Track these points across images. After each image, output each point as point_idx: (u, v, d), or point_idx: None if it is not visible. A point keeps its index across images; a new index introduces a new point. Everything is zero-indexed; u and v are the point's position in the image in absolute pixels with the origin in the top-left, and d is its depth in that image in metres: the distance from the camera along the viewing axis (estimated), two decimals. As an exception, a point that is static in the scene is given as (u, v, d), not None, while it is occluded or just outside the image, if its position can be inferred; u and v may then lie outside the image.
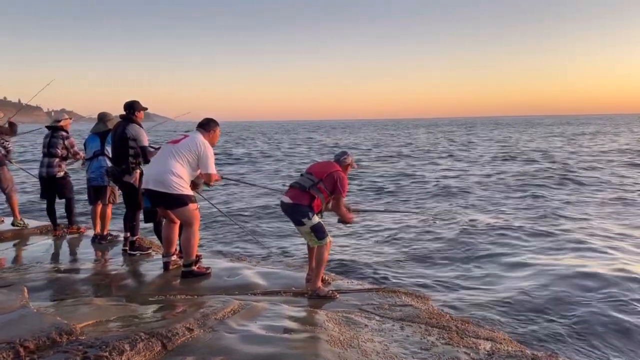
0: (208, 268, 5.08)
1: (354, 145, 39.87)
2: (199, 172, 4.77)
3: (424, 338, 3.51)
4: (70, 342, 2.82)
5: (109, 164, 5.90)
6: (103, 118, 6.32)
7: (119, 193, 6.12)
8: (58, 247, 6.43)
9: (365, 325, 3.68)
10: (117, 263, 5.59)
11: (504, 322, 5.15)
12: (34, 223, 7.62)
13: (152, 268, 5.33)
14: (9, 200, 7.09)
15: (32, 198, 13.81)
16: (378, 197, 14.56)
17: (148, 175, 4.76)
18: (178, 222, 4.98)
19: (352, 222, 4.84)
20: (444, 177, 18.39)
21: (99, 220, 6.45)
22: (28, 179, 16.03)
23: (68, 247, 6.45)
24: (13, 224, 7.10)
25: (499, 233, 9.26)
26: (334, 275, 5.41)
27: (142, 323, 3.41)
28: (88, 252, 6.12)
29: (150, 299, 4.29)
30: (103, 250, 6.15)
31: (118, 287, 4.77)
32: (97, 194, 6.37)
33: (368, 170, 20.54)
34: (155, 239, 6.01)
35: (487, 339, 3.61)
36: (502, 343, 3.57)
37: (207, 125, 4.89)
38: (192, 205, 4.72)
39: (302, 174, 4.68)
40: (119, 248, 6.11)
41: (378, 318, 3.92)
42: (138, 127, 5.48)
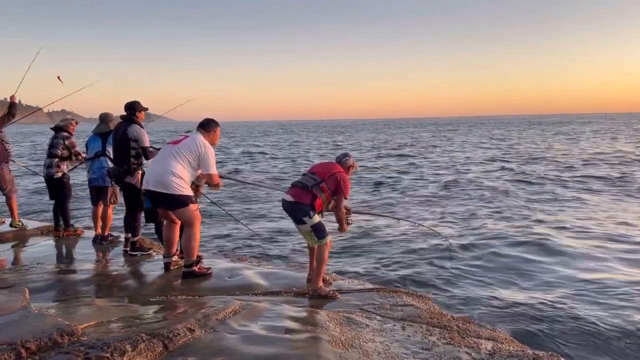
0: (209, 268, 5.08)
1: (355, 145, 39.84)
2: (200, 172, 4.77)
3: (425, 338, 3.50)
4: (72, 343, 2.83)
5: (110, 165, 5.90)
6: (105, 118, 6.31)
7: (120, 194, 6.11)
8: (59, 248, 6.43)
9: (367, 326, 3.67)
10: (118, 264, 5.59)
11: (506, 322, 5.16)
12: (35, 224, 7.63)
13: (153, 269, 5.33)
14: (8, 201, 7.08)
15: (33, 197, 13.84)
16: (378, 193, 14.56)
17: (148, 176, 4.76)
18: (179, 222, 4.97)
19: (345, 231, 4.81)
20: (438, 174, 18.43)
21: (100, 221, 6.46)
22: (30, 179, 16.08)
23: (69, 248, 6.44)
24: (11, 225, 7.10)
25: (500, 232, 9.26)
26: (335, 275, 5.40)
27: (143, 324, 3.41)
28: (89, 252, 6.12)
29: (152, 300, 4.29)
30: (104, 251, 6.16)
31: (119, 287, 4.77)
32: (98, 195, 6.37)
33: (367, 170, 20.55)
34: (157, 239, 6.01)
35: (488, 339, 3.60)
36: (503, 343, 3.56)
37: (207, 126, 4.88)
38: (192, 206, 4.71)
39: (304, 174, 4.67)
40: (120, 249, 6.12)
41: (379, 318, 3.91)
42: (139, 127, 5.48)
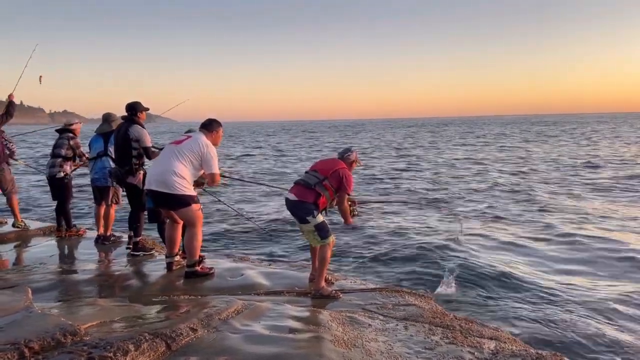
0: (211, 268, 5.08)
1: (356, 145, 39.84)
2: (202, 172, 4.77)
3: (428, 337, 3.50)
4: (75, 342, 2.83)
5: (113, 165, 5.90)
6: (108, 118, 6.31)
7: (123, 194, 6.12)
8: (61, 248, 6.44)
9: (369, 325, 3.67)
10: (120, 264, 5.59)
11: (508, 321, 5.15)
12: (37, 224, 7.64)
13: (155, 268, 5.33)
14: (10, 202, 7.09)
15: (31, 197, 13.85)
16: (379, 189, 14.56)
17: (151, 176, 4.76)
18: (181, 222, 4.97)
19: (351, 224, 4.84)
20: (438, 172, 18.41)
21: (102, 221, 6.46)
22: (34, 177, 16.09)
23: (71, 248, 6.45)
24: (14, 225, 7.11)
25: (500, 234, 9.25)
26: (337, 275, 5.40)
27: (146, 323, 3.41)
28: (91, 253, 6.12)
29: (154, 300, 4.29)
30: (106, 251, 6.16)
31: (122, 287, 4.78)
32: (100, 195, 6.38)
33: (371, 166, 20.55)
34: (159, 239, 6.01)
35: (491, 338, 3.59)
36: (506, 342, 3.56)
37: (209, 126, 4.88)
38: (195, 206, 4.72)
39: (306, 171, 4.65)
40: (122, 249, 6.13)
41: (382, 318, 3.91)
42: (140, 127, 5.48)
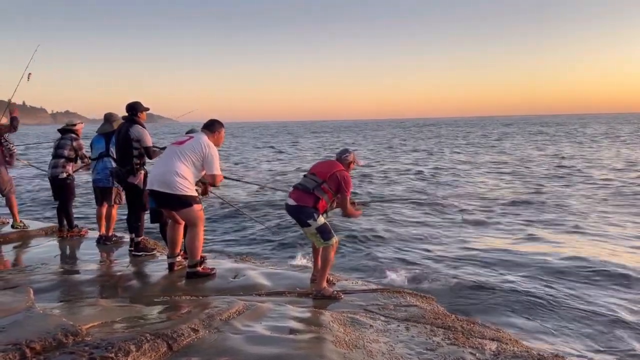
0: (213, 269, 5.08)
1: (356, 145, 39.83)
2: (204, 173, 4.77)
3: (430, 338, 3.49)
4: (76, 343, 2.83)
5: (114, 165, 5.91)
6: (109, 118, 6.31)
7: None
8: (63, 248, 6.45)
9: (371, 326, 3.66)
10: (122, 264, 5.60)
11: (510, 322, 5.14)
12: (38, 224, 7.64)
13: (157, 269, 5.33)
14: (8, 202, 7.10)
15: (33, 197, 13.88)
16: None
17: (152, 176, 4.76)
18: (183, 223, 4.97)
19: (358, 216, 4.98)
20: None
21: (104, 221, 6.47)
22: (36, 178, 16.12)
23: (73, 248, 6.46)
24: (13, 226, 7.12)
25: (502, 233, 9.24)
26: (339, 276, 5.40)
27: (147, 324, 3.41)
28: (93, 253, 6.13)
29: (156, 300, 4.29)
30: (108, 252, 6.17)
31: (123, 288, 4.78)
32: (102, 195, 6.38)
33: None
34: (160, 240, 6.01)
35: (492, 339, 3.59)
36: (508, 343, 3.55)
37: (211, 127, 4.87)
38: (196, 206, 4.71)
39: (305, 175, 4.65)
40: (124, 249, 6.13)
41: (383, 318, 3.91)
42: (141, 127, 5.49)
